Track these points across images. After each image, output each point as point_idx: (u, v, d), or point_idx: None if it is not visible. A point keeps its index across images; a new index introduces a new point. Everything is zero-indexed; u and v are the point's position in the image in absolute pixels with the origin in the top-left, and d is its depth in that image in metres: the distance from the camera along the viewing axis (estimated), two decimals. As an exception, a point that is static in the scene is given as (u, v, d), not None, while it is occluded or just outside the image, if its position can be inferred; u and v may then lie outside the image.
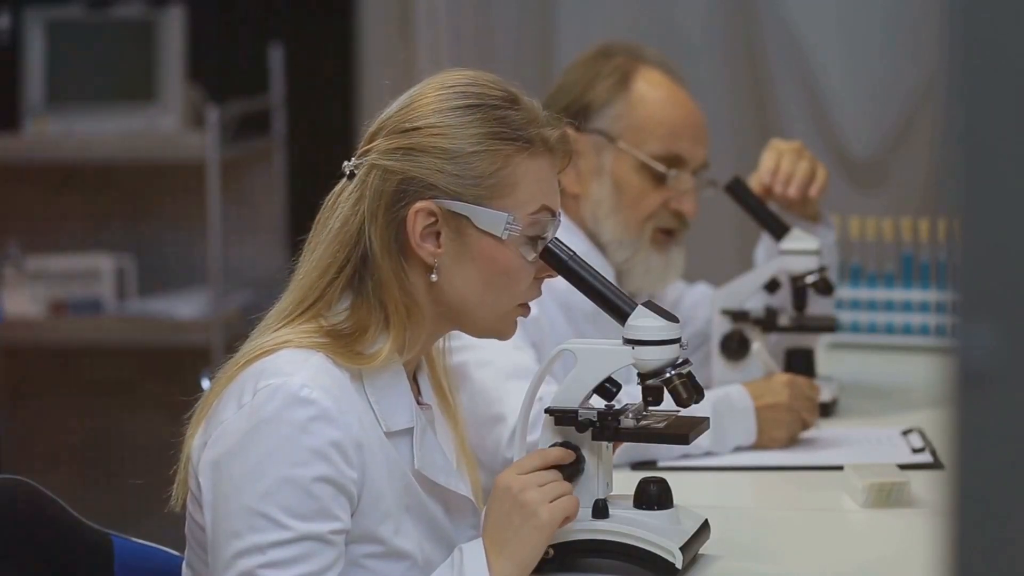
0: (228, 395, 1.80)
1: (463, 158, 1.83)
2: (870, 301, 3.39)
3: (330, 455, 1.75)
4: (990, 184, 0.89)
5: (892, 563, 2.01)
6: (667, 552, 1.88)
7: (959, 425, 0.90)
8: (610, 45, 2.79)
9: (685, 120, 2.72)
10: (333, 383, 1.78)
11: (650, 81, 2.71)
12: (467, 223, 1.84)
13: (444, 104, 1.85)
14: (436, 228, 1.83)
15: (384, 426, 1.82)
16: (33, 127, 4.49)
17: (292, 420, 1.75)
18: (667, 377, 1.86)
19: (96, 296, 4.50)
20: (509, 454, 2.44)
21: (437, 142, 1.83)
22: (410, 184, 1.83)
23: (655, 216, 2.71)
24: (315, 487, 1.74)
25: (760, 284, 2.77)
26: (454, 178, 1.83)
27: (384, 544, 1.82)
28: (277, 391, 1.75)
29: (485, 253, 1.85)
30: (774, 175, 2.79)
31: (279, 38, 4.55)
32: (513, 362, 2.50)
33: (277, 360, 1.79)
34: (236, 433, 1.76)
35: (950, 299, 0.91)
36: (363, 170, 1.85)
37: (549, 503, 1.81)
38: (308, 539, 1.74)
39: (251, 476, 1.74)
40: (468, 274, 1.85)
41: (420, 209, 1.82)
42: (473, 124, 1.84)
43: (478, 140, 1.84)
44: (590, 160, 2.69)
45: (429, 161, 1.83)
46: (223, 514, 1.76)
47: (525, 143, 1.86)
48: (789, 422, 2.51)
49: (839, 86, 4.15)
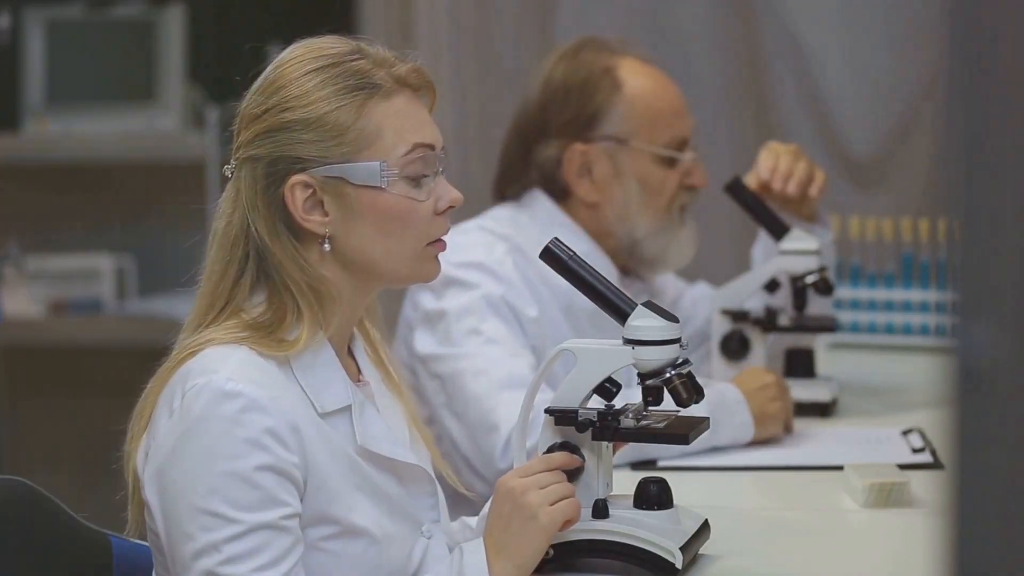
0: (161, 403, 1.81)
1: (318, 121, 1.83)
2: (870, 301, 3.39)
3: (266, 443, 1.75)
4: (990, 184, 0.89)
5: (892, 563, 2.01)
6: (667, 552, 1.88)
7: (959, 425, 0.90)
8: (578, 46, 2.77)
9: (675, 99, 2.77)
10: (260, 373, 1.78)
11: (635, 73, 2.73)
12: (344, 183, 1.84)
13: (287, 77, 1.86)
14: (317, 198, 1.84)
15: (318, 407, 1.82)
16: (33, 127, 4.48)
17: (222, 415, 1.75)
18: (667, 377, 1.86)
19: (96, 296, 4.50)
20: (503, 464, 2.44)
21: (289, 115, 1.83)
22: (277, 163, 1.83)
23: (677, 197, 2.75)
24: (257, 476, 1.74)
25: (760, 284, 2.77)
26: (316, 144, 1.83)
27: (338, 524, 1.82)
28: (203, 389, 1.76)
29: (371, 206, 1.84)
30: (773, 172, 2.80)
31: (279, 38, 4.54)
32: (508, 371, 2.50)
33: (202, 360, 1.79)
34: (171, 439, 1.77)
35: (950, 299, 0.91)
36: (237, 167, 1.86)
37: (550, 505, 1.82)
38: (260, 529, 1.74)
39: (193, 477, 1.75)
40: (362, 231, 1.85)
41: (294, 183, 1.83)
42: (318, 87, 1.84)
43: (327, 100, 1.84)
44: (605, 167, 2.70)
45: (288, 136, 1.83)
46: (173, 519, 1.76)
47: (373, 87, 1.85)
48: (780, 397, 2.53)
49: (839, 86, 4.15)
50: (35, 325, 4.45)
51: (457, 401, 2.54)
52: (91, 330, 4.45)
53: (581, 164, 2.70)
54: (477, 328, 2.56)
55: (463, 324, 2.57)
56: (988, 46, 0.89)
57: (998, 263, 0.89)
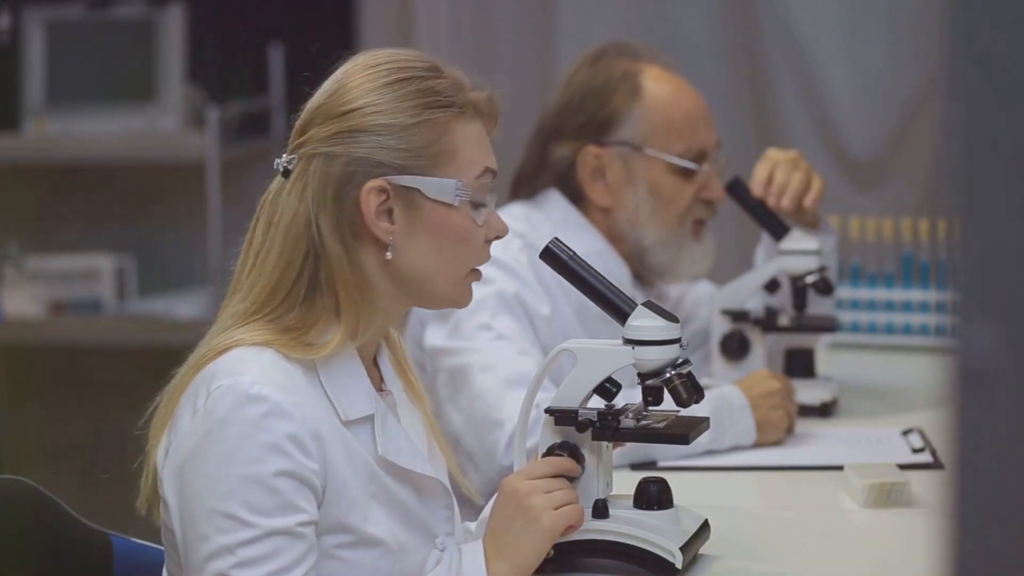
0: (185, 401, 1.80)
1: (404, 131, 1.84)
2: (870, 301, 3.39)
3: (287, 449, 1.75)
4: (990, 184, 0.89)
5: (892, 563, 2.01)
6: (667, 552, 1.88)
7: (959, 425, 0.90)
8: (602, 50, 2.78)
9: (696, 110, 2.75)
10: (285, 377, 1.78)
11: (657, 80, 2.72)
12: (418, 195, 1.84)
13: (374, 83, 1.85)
14: (388, 205, 1.84)
15: (342, 415, 1.82)
16: (33, 127, 4.48)
17: (245, 418, 1.75)
18: (667, 377, 1.86)
19: (96, 296, 4.50)
20: (506, 461, 2.44)
21: (377, 119, 1.83)
22: (357, 165, 1.83)
23: (691, 209, 2.74)
24: (276, 482, 1.74)
25: (760, 284, 2.77)
26: (399, 152, 1.83)
27: (354, 533, 1.81)
28: (228, 391, 1.76)
29: (438, 222, 1.85)
30: (767, 187, 2.79)
31: (279, 38, 4.55)
32: (516, 368, 2.50)
33: (227, 360, 1.79)
34: (193, 438, 1.77)
35: (950, 299, 0.91)
36: (302, 162, 1.85)
37: (553, 509, 1.82)
38: (276, 535, 1.74)
39: (212, 478, 1.75)
40: (422, 246, 1.85)
41: (372, 188, 1.82)
42: (407, 97, 1.85)
43: (415, 112, 1.84)
44: (618, 171, 2.70)
45: (372, 139, 1.83)
46: (190, 519, 1.76)
47: (459, 109, 1.87)
48: (784, 405, 2.53)
49: (839, 86, 4.15)
50: (35, 325, 4.45)
51: (463, 395, 2.54)
52: (91, 330, 4.45)
53: (595, 167, 2.70)
54: (488, 324, 2.56)
55: (474, 319, 2.56)
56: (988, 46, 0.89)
57: (998, 263, 0.89)
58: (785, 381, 2.60)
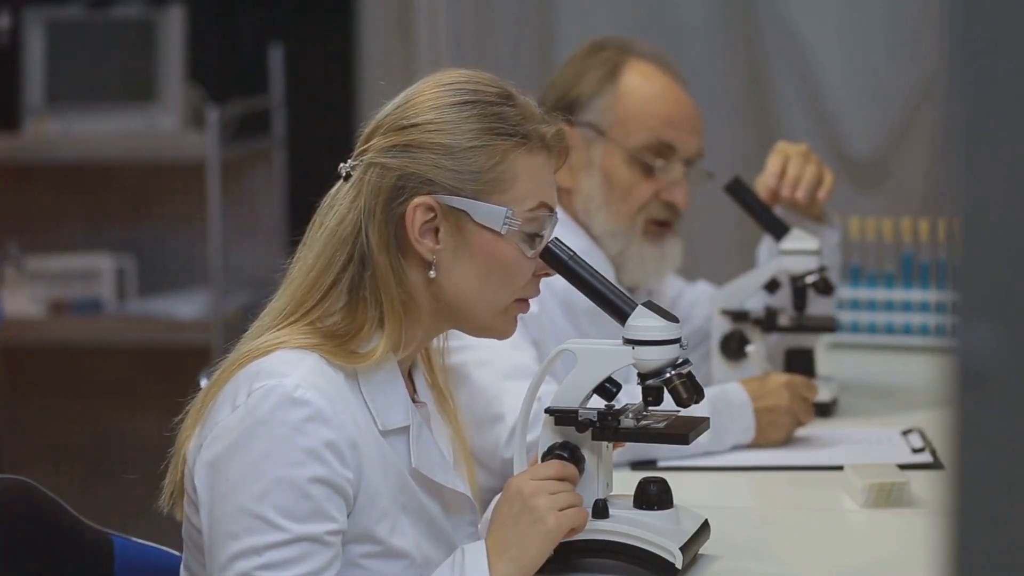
0: (223, 397, 1.80)
1: (461, 153, 1.84)
2: (870, 301, 3.39)
3: (325, 456, 1.75)
4: (990, 184, 0.89)
5: (892, 563, 2.01)
6: (667, 552, 1.88)
7: (959, 425, 0.90)
8: (602, 40, 2.79)
9: (673, 110, 2.71)
10: (327, 383, 1.78)
11: (639, 73, 2.71)
12: (466, 218, 1.84)
13: (441, 101, 1.86)
14: (435, 224, 1.84)
15: (380, 424, 1.82)
16: (33, 127, 4.49)
17: (287, 421, 1.74)
18: (667, 377, 1.86)
19: (96, 296, 4.50)
20: (508, 454, 2.44)
21: (435, 138, 1.84)
22: (408, 180, 1.83)
23: (646, 208, 2.71)
24: (310, 488, 1.74)
25: (760, 284, 2.77)
26: (453, 173, 1.83)
27: (381, 544, 1.82)
28: (271, 392, 1.75)
29: (484, 248, 1.85)
30: (780, 178, 2.79)
31: (279, 38, 4.55)
32: (512, 362, 2.50)
33: (271, 361, 1.79)
34: (231, 434, 1.76)
35: (950, 299, 0.91)
36: (360, 170, 1.85)
37: (558, 511, 1.82)
38: (304, 540, 1.74)
39: (247, 477, 1.74)
40: (466, 270, 1.85)
41: (419, 204, 1.83)
42: (470, 120, 1.85)
43: (476, 135, 1.84)
44: (581, 154, 2.69)
45: (427, 157, 1.83)
46: (219, 516, 1.76)
47: (522, 139, 1.86)
48: (787, 424, 2.52)
49: (839, 86, 4.16)
50: (35, 325, 4.45)
51: (462, 392, 2.54)
52: (91, 330, 4.45)
53: None
54: None
55: None
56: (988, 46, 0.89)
57: (998, 263, 0.89)
58: (792, 398, 2.53)
